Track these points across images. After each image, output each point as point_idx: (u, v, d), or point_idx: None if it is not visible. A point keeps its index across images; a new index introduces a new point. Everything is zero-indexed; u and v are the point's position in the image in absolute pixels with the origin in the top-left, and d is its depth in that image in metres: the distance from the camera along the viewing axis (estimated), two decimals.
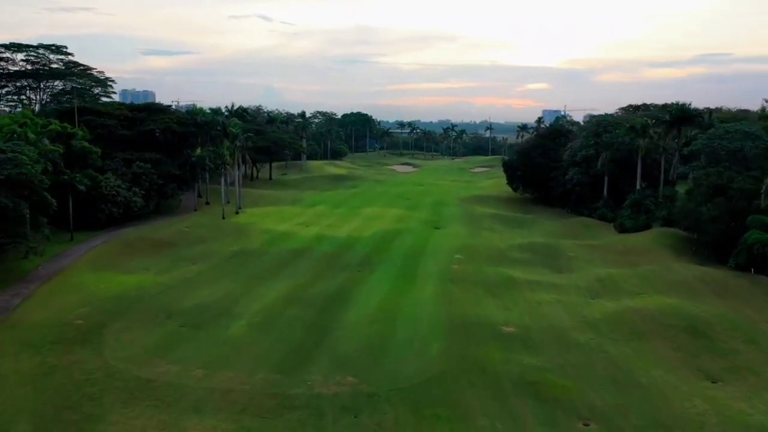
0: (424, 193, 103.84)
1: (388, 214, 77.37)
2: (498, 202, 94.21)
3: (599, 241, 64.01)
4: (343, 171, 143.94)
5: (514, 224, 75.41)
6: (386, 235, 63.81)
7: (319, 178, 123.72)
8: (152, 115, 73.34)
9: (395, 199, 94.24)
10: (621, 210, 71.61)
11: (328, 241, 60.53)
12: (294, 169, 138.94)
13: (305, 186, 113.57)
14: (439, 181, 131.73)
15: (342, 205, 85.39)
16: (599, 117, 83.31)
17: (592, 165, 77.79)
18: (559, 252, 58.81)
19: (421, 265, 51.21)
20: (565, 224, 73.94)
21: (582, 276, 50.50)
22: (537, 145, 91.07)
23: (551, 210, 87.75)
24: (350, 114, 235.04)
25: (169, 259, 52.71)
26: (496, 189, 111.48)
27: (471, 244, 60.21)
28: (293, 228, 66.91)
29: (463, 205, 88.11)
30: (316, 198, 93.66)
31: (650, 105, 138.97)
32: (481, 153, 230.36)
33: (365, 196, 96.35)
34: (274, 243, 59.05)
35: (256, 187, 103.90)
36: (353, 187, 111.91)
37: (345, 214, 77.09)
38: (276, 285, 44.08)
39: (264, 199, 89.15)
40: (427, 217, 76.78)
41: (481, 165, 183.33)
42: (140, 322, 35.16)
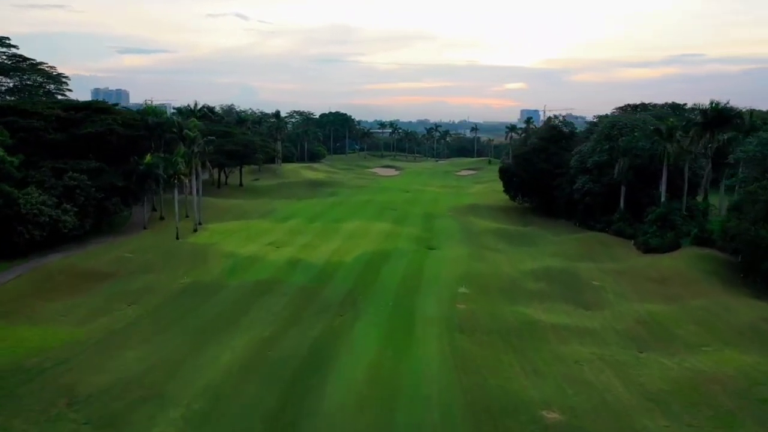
0: (412, 201, 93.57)
1: (373, 230, 66.90)
2: (494, 213, 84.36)
3: (623, 264, 54.41)
4: (321, 175, 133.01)
5: (518, 241, 65.51)
6: (372, 259, 53.36)
7: (295, 184, 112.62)
8: (92, 116, 61.62)
9: (380, 209, 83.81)
10: (641, 225, 62.23)
11: (303, 268, 49.84)
12: (267, 173, 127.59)
13: (279, 194, 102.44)
14: (426, 186, 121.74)
15: (320, 218, 74.63)
16: (612, 118, 73.67)
17: (605, 172, 68.33)
18: (581, 280, 49.03)
19: (418, 305, 40.87)
20: (578, 241, 64.25)
21: (617, 315, 40.70)
22: (539, 149, 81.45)
23: (555, 222, 78.18)
24: (328, 114, 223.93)
25: (100, 298, 41.58)
26: (489, 196, 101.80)
27: (475, 271, 50.07)
28: (261, 250, 56.04)
29: (456, 217, 78.01)
30: (291, 209, 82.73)
31: (648, 104, 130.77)
32: (465, 154, 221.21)
33: (346, 206, 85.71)
34: (236, 272, 48.15)
35: (223, 196, 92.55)
36: (332, 195, 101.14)
37: (323, 231, 66.39)
38: (231, 341, 33.36)
39: (230, 212, 77.93)
40: (418, 233, 66.47)
41: (468, 168, 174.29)
42: (23, 418, 24.19)
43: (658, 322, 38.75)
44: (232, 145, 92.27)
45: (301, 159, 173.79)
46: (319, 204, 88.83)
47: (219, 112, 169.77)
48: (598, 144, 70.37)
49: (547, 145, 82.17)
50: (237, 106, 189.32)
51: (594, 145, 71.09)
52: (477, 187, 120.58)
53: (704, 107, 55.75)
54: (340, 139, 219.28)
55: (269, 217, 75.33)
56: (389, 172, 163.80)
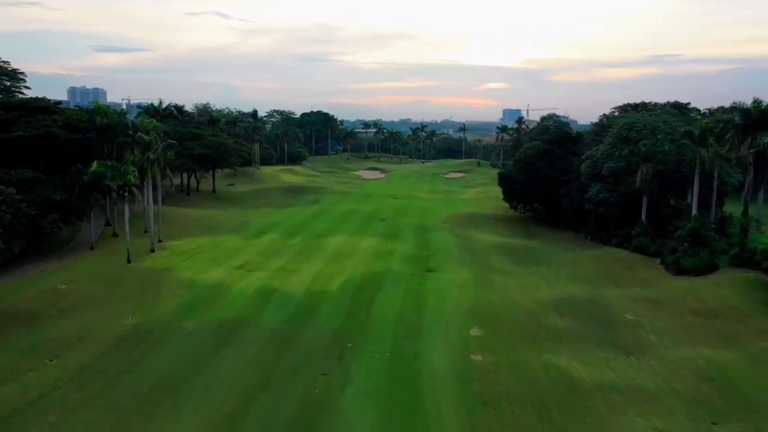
0: (401, 210, 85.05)
1: (361, 247, 58.24)
2: (494, 224, 76.21)
3: (655, 290, 46.48)
4: (302, 179, 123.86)
5: (527, 259, 57.33)
6: (362, 286, 44.72)
7: (273, 190, 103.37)
8: (26, 116, 52.03)
9: (367, 220, 75.13)
10: (667, 241, 54.51)
11: (277, 301, 41.02)
12: (244, 178, 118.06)
13: (255, 201, 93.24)
14: (414, 191, 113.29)
15: (299, 232, 65.69)
16: (629, 119, 65.79)
17: (622, 180, 60.52)
18: (611, 313, 40.97)
19: (423, 355, 32.34)
20: (595, 260, 56.27)
21: (669, 365, 32.64)
22: (543, 153, 73.46)
23: (562, 234, 70.23)
24: (310, 113, 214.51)
25: (14, 350, 32.44)
26: (484, 204, 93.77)
27: (485, 303, 41.71)
28: (228, 276, 47.07)
29: (453, 229, 69.65)
30: (267, 221, 73.64)
31: (649, 103, 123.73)
32: (451, 155, 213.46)
33: (329, 217, 76.86)
34: (194, 309, 39.16)
35: (192, 205, 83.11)
36: (314, 203, 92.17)
37: (303, 249, 57.53)
38: (177, 423, 24.53)
39: (198, 225, 68.66)
40: (412, 250, 57.92)
41: (456, 170, 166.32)
42: None
43: (726, 377, 30.73)
44: (201, 149, 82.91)
45: (281, 161, 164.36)
46: (299, 214, 79.83)
47: (192, 112, 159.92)
48: (613, 148, 62.49)
49: (551, 148, 74.26)
50: (213, 105, 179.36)
51: (608, 149, 63.20)
52: (470, 193, 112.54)
53: (745, 106, 48.14)
54: (323, 140, 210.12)
55: (242, 231, 66.18)
56: (374, 175, 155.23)
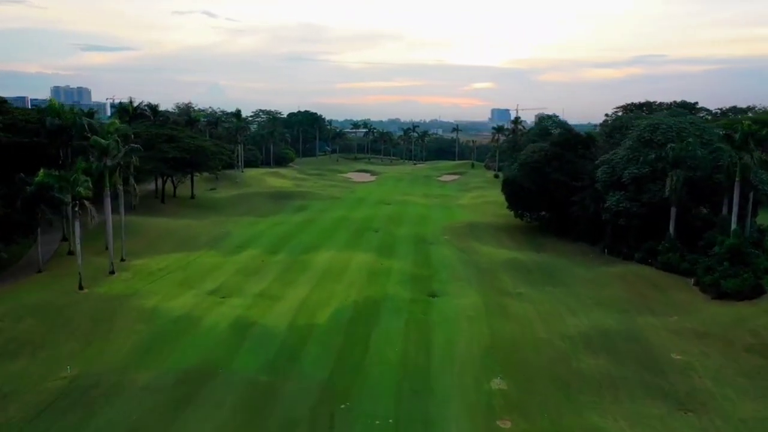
0: (396, 218, 78.24)
1: (353, 265, 51.36)
2: (498, 235, 69.58)
3: (697, 319, 40.08)
4: (288, 183, 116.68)
5: (540, 278, 50.75)
6: (356, 319, 37.91)
7: (258, 195, 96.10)
8: None
9: (359, 230, 68.24)
10: (700, 258, 48.22)
11: (255, 340, 34.09)
12: (226, 182, 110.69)
13: (237, 208, 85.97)
14: (408, 195, 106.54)
15: (284, 247, 58.63)
16: (654, 120, 59.30)
17: (645, 188, 54.17)
18: (654, 351, 34.52)
19: (436, 424, 25.55)
20: (619, 279, 49.78)
21: (740, 428, 26.22)
22: (552, 157, 66.95)
23: (574, 247, 63.75)
24: (297, 113, 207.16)
25: None
26: (484, 210, 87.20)
27: (503, 339, 35.06)
28: (199, 304, 40.02)
29: (455, 242, 62.94)
30: (249, 232, 66.47)
31: (653, 103, 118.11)
32: (443, 156, 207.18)
33: (317, 227, 69.85)
34: (152, 353, 32.09)
35: (167, 214, 75.67)
36: (301, 210, 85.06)
37: (288, 267, 50.51)
38: None
39: (170, 238, 61.38)
40: (411, 269, 51.08)
41: (449, 172, 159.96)
42: None
43: None
44: (176, 152, 75.49)
45: (267, 163, 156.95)
46: (285, 223, 72.73)
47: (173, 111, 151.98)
48: (635, 152, 56.07)
49: (560, 151, 67.79)
50: (196, 105, 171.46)
51: (629, 153, 56.76)
52: (467, 197, 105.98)
53: None
54: (310, 141, 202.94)
55: (220, 245, 58.97)
56: (364, 178, 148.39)
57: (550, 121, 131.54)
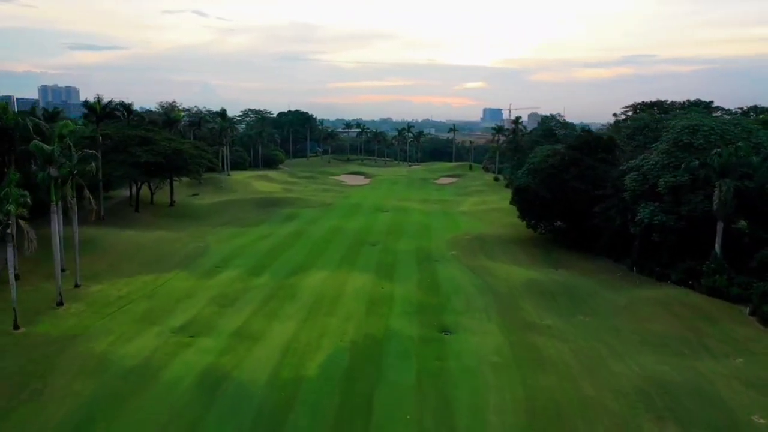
0: (394, 228, 70.96)
1: (349, 290, 44.01)
2: (509, 248, 62.42)
3: (765, 362, 33.06)
4: (276, 188, 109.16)
5: (568, 305, 43.60)
6: (354, 370, 30.53)
7: (243, 202, 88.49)
8: None
9: (354, 244, 60.93)
10: (754, 281, 41.32)
11: (226, 404, 26.61)
12: (210, 186, 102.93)
13: (220, 217, 78.36)
14: (406, 201, 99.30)
15: (269, 266, 51.11)
16: (692, 121, 52.20)
17: (684, 199, 47.19)
18: (729, 412, 27.37)
19: None
20: (657, 305, 42.67)
21: None
22: (570, 162, 59.90)
23: (596, 263, 56.77)
24: (287, 113, 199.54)
25: None
26: (490, 218, 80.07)
27: (545, 401, 27.79)
28: (162, 347, 32.51)
29: (464, 259, 55.71)
30: (230, 246, 58.88)
31: (665, 101, 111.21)
32: (439, 157, 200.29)
33: (307, 241, 62.40)
34: (89, 428, 24.54)
35: (139, 225, 67.89)
36: (290, 219, 77.49)
37: (272, 294, 43.01)
38: None
39: (138, 256, 53.68)
40: (417, 295, 43.74)
41: (446, 174, 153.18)
42: None
43: None
44: (150, 156, 67.73)
45: (255, 165, 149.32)
46: (271, 236, 65.21)
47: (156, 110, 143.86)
48: (671, 158, 49.03)
49: (579, 156, 60.75)
50: (180, 104, 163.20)
51: (663, 158, 49.72)
52: (468, 203, 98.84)
53: None
54: (301, 141, 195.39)
55: (194, 265, 51.35)
56: (358, 181, 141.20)
57: (554, 122, 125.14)
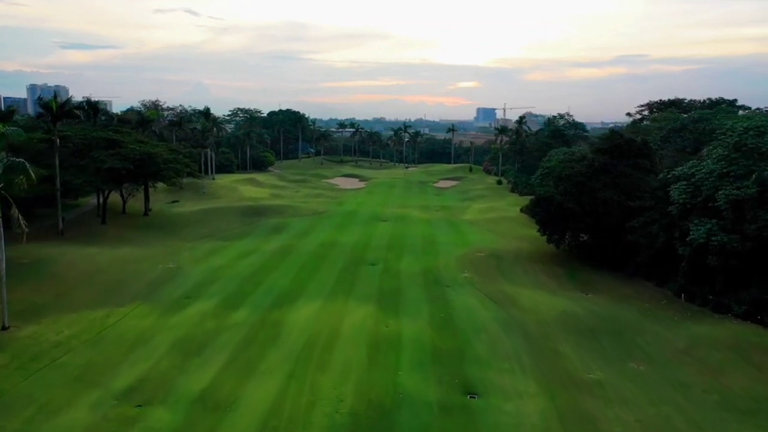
0: (396, 242, 62.73)
1: (346, 330, 35.71)
2: (528, 266, 54.26)
3: None
4: (264, 193, 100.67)
5: (614, 347, 35.52)
6: None
7: (226, 212, 79.92)
8: None
9: (351, 265, 52.62)
10: None
11: None
12: (191, 192, 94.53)
13: (198, 229, 69.87)
14: (405, 208, 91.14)
15: (249, 296, 42.67)
16: (755, 121, 44.09)
17: (751, 216, 39.19)
18: None
19: None
20: (727, 348, 34.68)
21: None
22: (600, 169, 51.88)
23: (633, 286, 48.85)
24: (278, 112, 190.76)
25: None
26: (499, 228, 71.98)
27: None
28: (93, 428, 24.10)
29: (480, 283, 47.48)
30: (204, 268, 50.39)
31: (683, 100, 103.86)
32: (436, 158, 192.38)
33: (296, 260, 54.01)
34: None
35: (105, 240, 59.34)
36: (277, 231, 69.06)
37: (250, 337, 34.61)
38: None
39: (94, 282, 45.08)
40: (430, 336, 35.41)
41: (446, 177, 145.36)
42: None
43: None
44: (116, 161, 59.12)
45: (243, 167, 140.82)
46: (254, 252, 56.80)
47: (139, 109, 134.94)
48: (732, 166, 41.02)
49: (611, 161, 52.70)
50: (164, 103, 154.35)
51: (721, 166, 41.70)
52: (473, 210, 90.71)
53: None
54: (293, 142, 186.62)
55: (159, 294, 42.86)
56: (352, 184, 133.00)
57: (563, 121, 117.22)
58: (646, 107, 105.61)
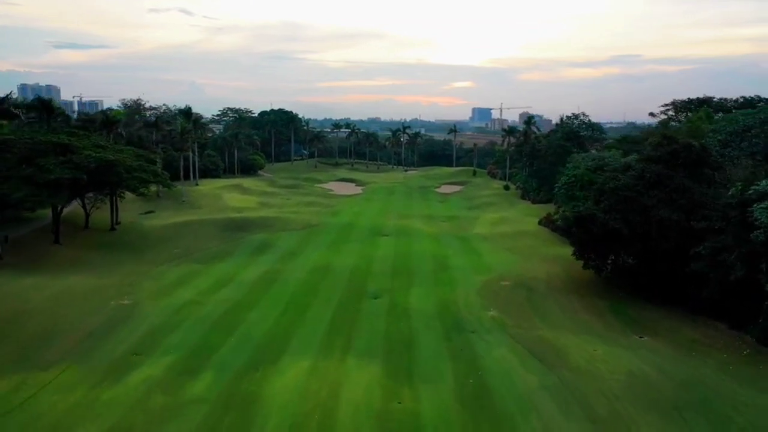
0: (400, 266, 53.05)
1: (345, 409, 26.00)
2: (567, 302, 44.60)
3: None
4: (251, 203, 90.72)
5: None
6: None
7: (205, 225, 69.99)
8: None
9: (348, 299, 42.89)
10: None
11: None
12: (171, 200, 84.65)
13: (170, 247, 60.01)
14: (408, 219, 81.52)
15: (217, 352, 32.80)
16: None
17: None
18: None
19: None
20: None
21: None
22: (654, 181, 42.32)
23: (698, 329, 39.32)
24: (269, 112, 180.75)
25: None
26: (521, 247, 62.37)
27: None
28: None
29: (512, 329, 37.78)
30: (167, 306, 40.48)
31: (711, 99, 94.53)
32: (436, 161, 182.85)
33: (281, 292, 44.23)
34: None
35: (53, 264, 49.42)
36: (261, 252, 59.23)
37: (212, 424, 24.83)
38: None
39: (19, 329, 35.15)
40: (460, 420, 25.75)
41: (448, 181, 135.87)
42: None
43: None
44: (66, 171, 49.17)
45: (231, 172, 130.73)
46: (231, 282, 46.99)
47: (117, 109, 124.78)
48: None
49: (666, 172, 43.14)
50: (145, 102, 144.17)
51: None
52: (484, 221, 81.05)
53: None
54: (285, 143, 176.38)
55: (99, 350, 32.91)
56: (348, 189, 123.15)
57: (577, 120, 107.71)
58: (671, 106, 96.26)
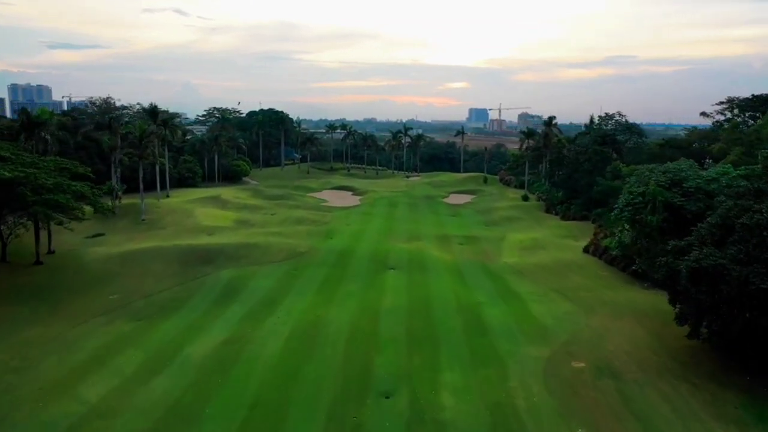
0: (417, 324, 37.83)
1: None
2: (673, 393, 29.55)
3: None
4: (226, 220, 75.23)
5: None
6: None
7: (162, 255, 54.53)
8: None
9: (345, 401, 27.75)
10: None
11: None
12: (129, 218, 69.48)
13: (106, 293, 44.69)
14: (417, 240, 66.36)
15: None
16: None
17: None
18: None
19: None
20: None
21: None
22: None
23: None
24: (257, 112, 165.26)
25: None
26: (579, 294, 47.23)
27: None
28: None
29: None
30: (56, 418, 25.31)
31: (734, 98, 79.29)
32: (438, 165, 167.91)
33: (242, 385, 29.14)
34: None
35: None
36: (226, 301, 43.84)
37: None
38: None
39: None
40: None
41: (456, 189, 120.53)
42: None
43: None
44: None
45: (212, 179, 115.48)
46: (170, 366, 31.77)
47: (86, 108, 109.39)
48: None
49: None
50: (117, 100, 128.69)
51: None
52: (511, 242, 65.87)
53: None
54: (275, 146, 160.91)
55: None
56: (344, 200, 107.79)
57: (612, 122, 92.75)
58: (727, 104, 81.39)
